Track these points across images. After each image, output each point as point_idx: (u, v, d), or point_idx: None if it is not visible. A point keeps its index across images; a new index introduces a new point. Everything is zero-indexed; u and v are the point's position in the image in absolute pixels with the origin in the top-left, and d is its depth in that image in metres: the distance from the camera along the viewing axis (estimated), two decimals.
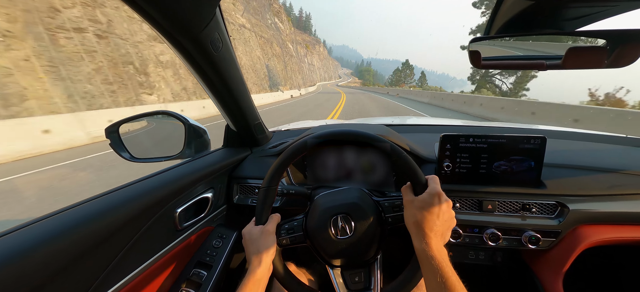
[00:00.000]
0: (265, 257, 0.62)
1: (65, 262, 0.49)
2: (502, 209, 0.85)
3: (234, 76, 0.80)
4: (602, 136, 1.16)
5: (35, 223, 0.50)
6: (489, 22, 0.62)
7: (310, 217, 0.69)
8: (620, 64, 0.58)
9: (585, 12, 0.52)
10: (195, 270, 0.81)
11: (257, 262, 0.62)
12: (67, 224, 0.52)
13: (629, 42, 0.54)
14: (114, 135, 0.86)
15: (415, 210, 0.57)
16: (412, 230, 0.58)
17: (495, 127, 1.39)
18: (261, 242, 0.64)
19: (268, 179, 0.68)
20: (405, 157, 0.63)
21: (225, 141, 1.11)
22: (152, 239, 0.69)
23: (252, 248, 0.64)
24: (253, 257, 0.63)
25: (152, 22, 0.51)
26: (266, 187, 0.68)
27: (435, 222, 0.56)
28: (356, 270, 0.67)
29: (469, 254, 1.04)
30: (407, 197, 0.61)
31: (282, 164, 0.68)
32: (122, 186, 0.68)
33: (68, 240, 0.50)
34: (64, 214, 0.54)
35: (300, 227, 0.69)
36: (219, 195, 0.97)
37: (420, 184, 0.60)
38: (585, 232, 0.81)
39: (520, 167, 0.81)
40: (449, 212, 0.59)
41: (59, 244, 0.48)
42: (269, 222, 0.68)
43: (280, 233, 0.68)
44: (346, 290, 0.66)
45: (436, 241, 0.55)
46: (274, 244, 0.65)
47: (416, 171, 0.61)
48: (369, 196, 0.69)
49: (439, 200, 0.57)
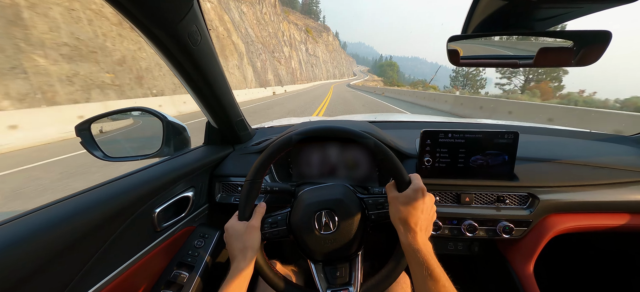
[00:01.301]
0: (250, 254, 0.61)
1: (37, 265, 0.46)
2: (478, 201, 0.89)
3: (215, 71, 0.77)
4: (568, 131, 1.24)
5: (6, 224, 0.47)
6: (466, 21, 0.64)
7: (294, 212, 0.69)
8: (585, 63, 0.62)
9: (554, 13, 0.55)
10: (176, 271, 0.78)
11: (242, 258, 0.60)
12: (39, 224, 0.49)
13: (593, 42, 0.58)
14: (85, 133, 0.81)
15: (401, 206, 0.59)
16: (398, 226, 0.59)
17: (473, 123, 1.45)
18: (245, 238, 0.63)
19: (253, 172, 0.67)
20: (390, 155, 0.64)
21: (206, 138, 1.08)
22: (129, 241, 0.66)
23: (237, 244, 0.63)
24: (237, 253, 0.61)
25: (124, 13, 0.49)
26: (251, 181, 0.67)
27: (420, 217, 0.57)
28: (338, 265, 0.68)
29: (449, 245, 1.08)
30: (391, 194, 0.62)
31: (267, 159, 0.67)
32: (96, 186, 0.65)
33: (34, 245, 0.47)
34: (37, 214, 0.51)
35: (284, 222, 0.68)
36: (201, 194, 0.95)
37: (404, 182, 0.62)
38: (554, 221, 0.86)
39: (495, 161, 0.85)
40: (432, 207, 0.61)
41: (30, 246, 0.45)
42: (254, 217, 0.66)
43: (263, 227, 0.67)
44: (327, 284, 0.67)
45: (421, 235, 0.56)
46: (258, 239, 0.64)
47: (400, 169, 0.62)
48: (353, 192, 0.70)
49: (423, 195, 0.59)
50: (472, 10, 0.59)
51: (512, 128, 0.86)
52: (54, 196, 2.84)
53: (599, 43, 0.57)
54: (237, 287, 0.58)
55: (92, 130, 0.83)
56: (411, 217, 0.57)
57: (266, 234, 0.67)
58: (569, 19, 0.57)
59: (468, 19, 0.63)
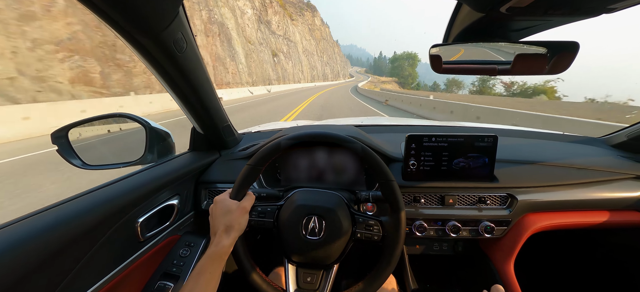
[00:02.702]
0: (234, 234, 0.60)
1: (7, 285, 0.43)
2: (461, 203, 0.92)
3: (200, 77, 0.77)
4: (544, 134, 1.31)
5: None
6: (447, 29, 0.67)
7: (284, 209, 0.69)
8: (557, 71, 0.66)
9: (526, 25, 0.58)
10: (161, 282, 0.76)
11: (225, 236, 0.59)
12: (9, 241, 0.46)
13: (563, 51, 0.62)
14: (61, 141, 0.78)
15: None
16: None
17: (455, 126, 1.50)
18: (234, 217, 0.61)
19: (256, 159, 0.67)
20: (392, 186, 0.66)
21: (191, 145, 1.06)
22: (110, 252, 0.64)
23: (223, 219, 0.61)
24: (221, 229, 0.60)
25: (107, 20, 0.48)
26: (252, 166, 0.66)
27: None
28: (312, 270, 0.68)
29: (434, 246, 1.11)
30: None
31: (269, 153, 0.67)
32: (76, 196, 0.62)
33: (9, 260, 0.44)
34: (4, 231, 0.48)
35: (272, 215, 0.69)
36: (186, 202, 0.93)
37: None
38: (532, 220, 0.91)
39: (476, 163, 0.88)
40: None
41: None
42: (246, 200, 0.65)
43: (251, 213, 0.67)
44: (296, 287, 0.67)
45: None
46: (245, 222, 0.63)
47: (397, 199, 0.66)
48: (347, 206, 0.71)
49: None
50: (451, 21, 0.62)
51: (492, 131, 0.90)
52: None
53: (568, 52, 0.61)
54: (215, 262, 0.56)
55: (69, 138, 0.80)
56: None
57: (252, 222, 0.67)
58: (540, 30, 0.60)
59: (449, 29, 0.66)
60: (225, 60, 23.87)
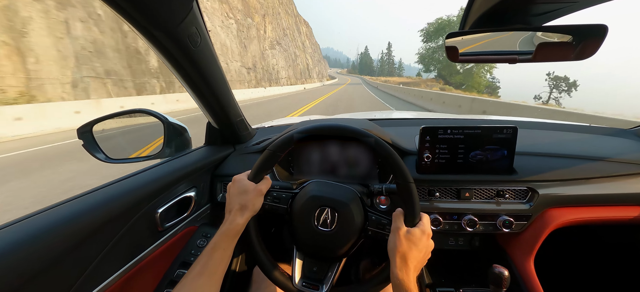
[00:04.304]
0: (248, 214, 0.62)
1: (40, 267, 0.47)
2: (478, 196, 0.90)
3: (214, 72, 0.78)
4: (567, 125, 1.24)
5: (5, 227, 0.48)
6: (463, 17, 0.64)
7: (298, 198, 0.69)
8: (582, 56, 0.62)
9: (550, 8, 0.55)
10: (180, 271, 0.79)
11: (239, 215, 0.60)
12: (41, 227, 0.49)
13: (589, 36, 0.58)
14: (87, 135, 0.82)
15: (404, 240, 0.58)
16: (394, 258, 0.58)
17: (471, 119, 1.45)
18: (250, 197, 0.62)
19: (276, 144, 0.67)
20: (410, 189, 0.62)
21: (207, 139, 1.08)
22: (132, 240, 0.67)
23: (239, 199, 0.62)
24: (237, 208, 0.61)
25: (124, 15, 0.49)
26: (272, 151, 0.67)
27: (418, 258, 0.58)
28: (318, 261, 0.69)
29: (449, 241, 1.09)
30: (396, 224, 0.61)
31: (283, 144, 0.68)
32: (100, 187, 0.65)
33: (42, 244, 0.47)
34: (39, 217, 0.52)
35: (286, 201, 0.69)
36: (202, 194, 0.95)
37: (414, 219, 0.61)
38: (553, 215, 0.87)
39: (495, 156, 0.85)
40: (428, 253, 0.61)
41: (32, 248, 0.46)
42: (263, 183, 0.66)
43: (265, 197, 0.68)
44: (300, 274, 0.68)
45: (414, 275, 0.57)
46: (260, 204, 0.65)
47: (415, 203, 0.61)
48: (361, 202, 0.70)
49: (428, 239, 0.59)
50: (469, 7, 0.59)
51: (511, 123, 0.86)
52: None
53: (596, 37, 0.58)
54: (228, 238, 0.58)
55: (93, 133, 0.84)
56: (411, 256, 0.57)
57: (266, 205, 0.68)
58: (564, 13, 0.57)
59: (465, 16, 0.63)
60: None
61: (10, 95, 8.39)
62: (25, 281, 0.44)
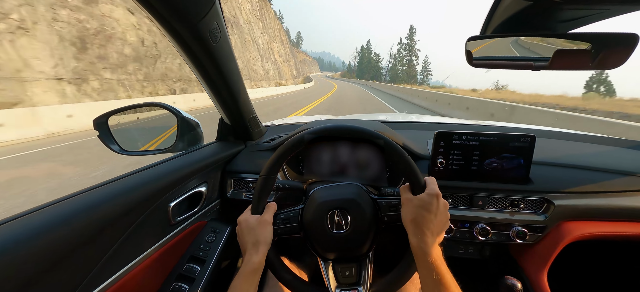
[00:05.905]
0: (262, 248, 0.61)
1: (57, 256, 0.47)
2: (491, 205, 0.88)
3: (231, 69, 0.78)
4: (586, 136, 1.21)
5: (25, 215, 0.48)
6: (486, 21, 0.63)
7: (307, 209, 0.68)
8: (606, 67, 0.60)
9: (578, 14, 0.54)
10: (189, 265, 0.79)
11: (254, 252, 0.60)
12: (58, 216, 0.50)
13: (616, 45, 0.56)
14: (103, 127, 0.83)
15: (414, 208, 0.58)
16: (409, 227, 0.58)
17: (487, 125, 1.43)
18: (259, 232, 0.62)
19: (268, 168, 0.67)
20: (405, 156, 0.63)
21: (219, 134, 1.09)
22: (145, 232, 0.68)
23: (249, 237, 0.62)
24: (249, 247, 0.61)
25: (148, 8, 0.50)
26: (265, 176, 0.67)
27: (433, 221, 0.56)
28: (348, 264, 0.67)
29: (459, 249, 1.07)
30: (405, 196, 0.61)
31: (281, 156, 0.67)
32: (116, 178, 0.66)
33: (59, 233, 0.48)
34: (56, 207, 0.52)
35: (296, 219, 0.68)
36: (213, 189, 0.96)
37: (419, 185, 0.61)
38: (569, 228, 0.84)
39: (510, 164, 0.83)
40: (445, 213, 0.60)
41: (50, 237, 0.47)
42: (266, 212, 0.66)
43: (275, 222, 0.67)
44: (336, 283, 0.66)
45: (432, 239, 0.56)
46: (271, 234, 0.64)
47: (416, 171, 0.61)
48: (366, 193, 0.70)
49: (438, 200, 0.58)
50: (492, 10, 0.58)
51: (529, 131, 0.85)
52: None
53: (624, 46, 0.56)
54: (249, 280, 0.58)
55: (109, 124, 0.85)
56: (424, 221, 0.56)
57: (278, 230, 0.67)
58: (593, 20, 0.55)
59: (488, 20, 0.62)
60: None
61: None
62: (42, 271, 0.45)
